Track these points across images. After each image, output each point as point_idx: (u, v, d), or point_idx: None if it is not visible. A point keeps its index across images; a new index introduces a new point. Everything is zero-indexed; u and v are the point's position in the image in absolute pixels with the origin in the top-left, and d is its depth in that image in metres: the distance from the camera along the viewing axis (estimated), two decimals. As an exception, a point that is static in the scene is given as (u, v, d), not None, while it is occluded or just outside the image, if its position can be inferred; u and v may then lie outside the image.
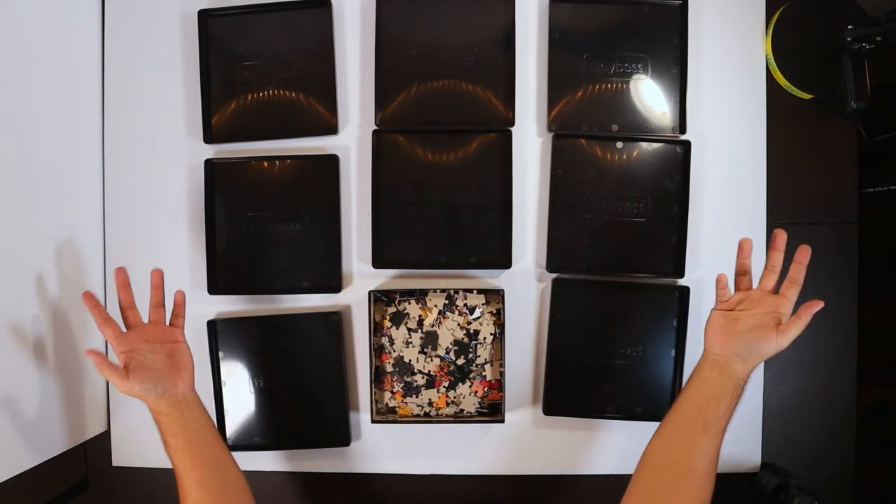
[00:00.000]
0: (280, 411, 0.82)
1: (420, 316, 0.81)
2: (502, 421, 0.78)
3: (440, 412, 0.81)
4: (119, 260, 0.85)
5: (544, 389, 0.80)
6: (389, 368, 0.81)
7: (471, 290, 0.80)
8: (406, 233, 0.81)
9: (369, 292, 0.79)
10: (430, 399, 0.81)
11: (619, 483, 0.82)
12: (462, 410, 0.81)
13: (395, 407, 0.81)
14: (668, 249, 0.80)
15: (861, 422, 0.83)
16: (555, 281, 0.80)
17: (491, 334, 0.81)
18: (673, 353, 0.80)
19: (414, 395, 0.81)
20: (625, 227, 0.80)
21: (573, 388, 0.80)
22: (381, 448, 0.83)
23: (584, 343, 0.80)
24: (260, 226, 0.82)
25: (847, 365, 0.82)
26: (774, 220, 0.82)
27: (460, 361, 0.81)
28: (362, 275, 0.83)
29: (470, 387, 0.81)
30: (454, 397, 0.81)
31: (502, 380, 0.79)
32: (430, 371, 0.81)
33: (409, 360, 0.81)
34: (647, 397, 0.80)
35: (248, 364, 0.82)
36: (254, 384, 0.82)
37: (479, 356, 0.81)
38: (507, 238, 0.80)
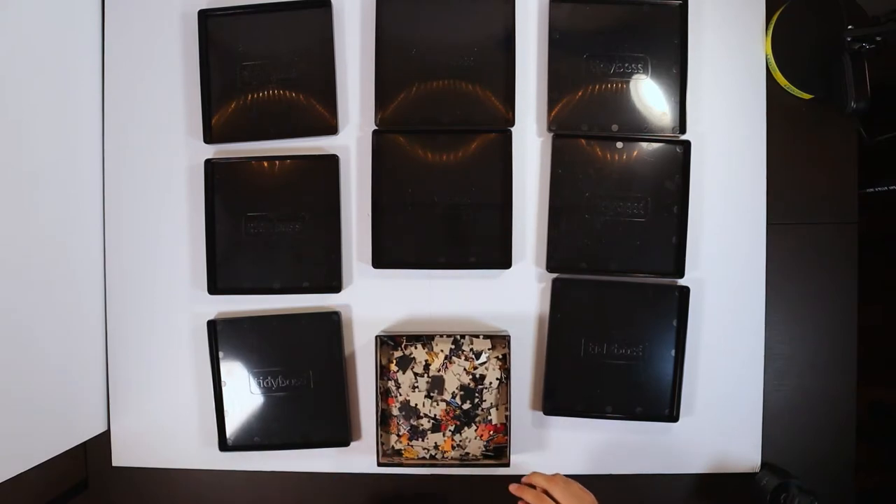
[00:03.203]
0: (280, 411, 0.82)
1: (426, 360, 0.80)
2: (507, 465, 0.78)
3: (446, 455, 0.80)
4: (119, 259, 0.85)
5: (544, 390, 0.80)
6: (395, 412, 0.81)
7: (477, 335, 0.80)
8: (406, 233, 0.81)
9: (376, 337, 0.79)
10: (435, 442, 0.81)
11: (619, 483, 0.83)
12: (468, 454, 0.81)
13: (400, 450, 0.81)
14: (668, 249, 0.80)
15: (861, 422, 0.83)
16: (555, 281, 0.80)
17: (497, 379, 0.80)
18: (673, 353, 0.80)
19: (420, 439, 0.81)
20: (625, 227, 0.80)
21: (573, 389, 0.80)
22: (381, 448, 0.83)
23: (584, 343, 0.80)
24: (260, 226, 0.82)
25: (847, 365, 0.82)
26: (774, 220, 0.82)
27: (466, 406, 0.80)
28: (362, 275, 0.83)
29: (476, 430, 0.81)
30: (460, 441, 0.80)
31: (508, 424, 0.78)
32: (436, 415, 0.80)
33: (416, 405, 0.81)
34: (647, 397, 0.80)
35: (248, 364, 0.82)
36: (254, 384, 0.82)
37: (484, 401, 0.80)
38: (507, 238, 0.80)
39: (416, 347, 0.81)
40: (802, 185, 0.82)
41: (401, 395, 0.81)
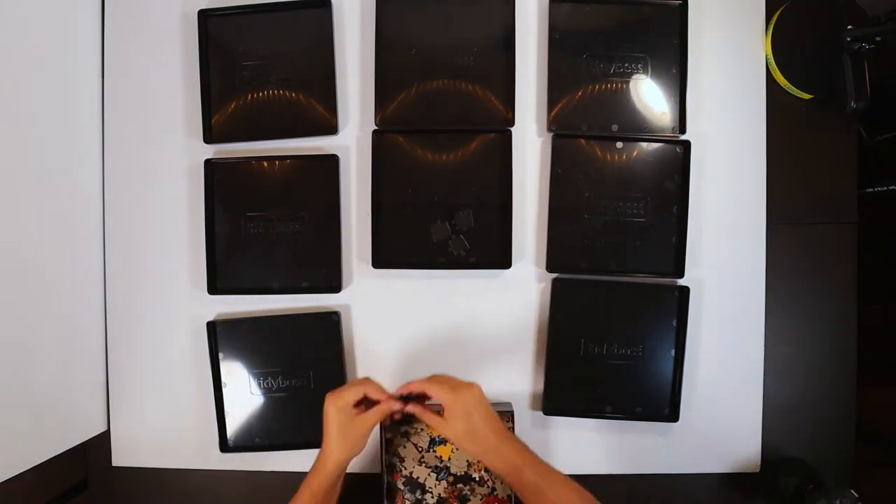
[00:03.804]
0: (280, 411, 0.82)
1: (432, 436, 0.79)
2: None
3: None
4: (119, 260, 0.85)
5: (544, 389, 0.80)
6: (401, 486, 0.79)
7: None
8: (406, 233, 0.81)
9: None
10: None
11: (620, 483, 0.83)
12: None
13: None
14: (667, 249, 0.80)
15: (861, 422, 0.83)
16: (555, 281, 0.80)
17: None
18: (673, 352, 0.80)
19: None
20: (625, 227, 0.80)
21: (573, 389, 0.80)
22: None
23: (584, 343, 0.80)
24: (260, 226, 0.82)
25: (847, 365, 0.82)
26: (774, 220, 0.82)
27: (472, 481, 0.78)
28: (362, 275, 0.83)
29: (481, 501, 0.78)
30: None
31: (511, 501, 0.77)
32: (440, 493, 0.78)
33: (419, 478, 0.78)
34: (647, 397, 0.80)
35: (248, 364, 0.82)
36: (254, 385, 0.82)
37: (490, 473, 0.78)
38: (507, 238, 0.80)
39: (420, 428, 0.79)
40: (802, 185, 0.82)
41: (405, 469, 0.79)
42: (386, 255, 0.81)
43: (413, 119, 0.81)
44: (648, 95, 0.80)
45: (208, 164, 0.82)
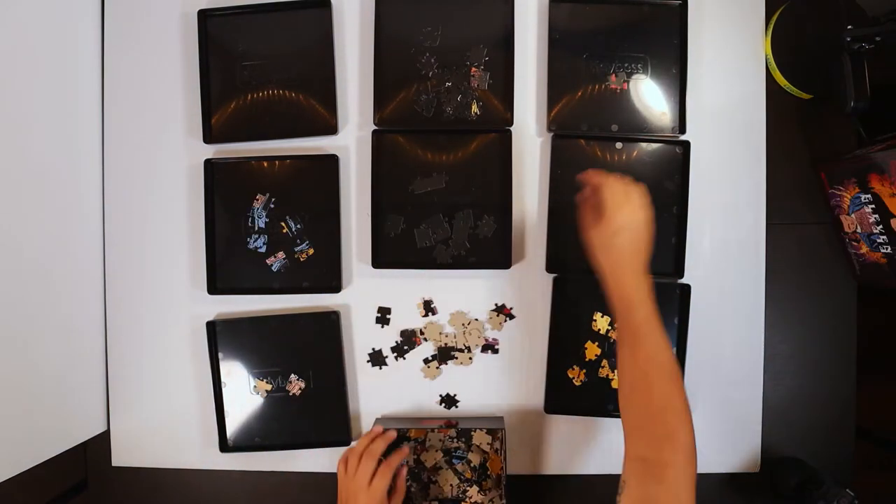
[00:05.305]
0: (280, 411, 0.82)
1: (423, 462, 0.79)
2: None
3: None
4: (119, 260, 0.85)
5: (546, 388, 0.80)
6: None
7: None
8: (405, 233, 0.81)
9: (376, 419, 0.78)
10: None
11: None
12: None
13: None
14: (667, 249, 0.80)
15: (861, 422, 0.83)
16: (555, 281, 0.80)
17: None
18: (674, 350, 0.79)
19: None
20: (625, 227, 0.80)
21: (574, 387, 0.80)
22: (380, 448, 0.83)
23: (584, 342, 0.80)
24: (260, 226, 0.82)
25: (847, 365, 0.82)
26: (774, 220, 0.82)
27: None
28: (362, 275, 0.83)
29: None
30: None
31: None
32: None
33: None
34: (647, 397, 0.80)
35: (247, 364, 0.82)
36: (254, 384, 0.82)
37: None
38: (506, 238, 0.80)
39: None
40: (802, 185, 0.82)
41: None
42: (386, 255, 0.81)
43: (412, 119, 0.81)
44: (648, 95, 0.80)
45: (208, 164, 0.82)
